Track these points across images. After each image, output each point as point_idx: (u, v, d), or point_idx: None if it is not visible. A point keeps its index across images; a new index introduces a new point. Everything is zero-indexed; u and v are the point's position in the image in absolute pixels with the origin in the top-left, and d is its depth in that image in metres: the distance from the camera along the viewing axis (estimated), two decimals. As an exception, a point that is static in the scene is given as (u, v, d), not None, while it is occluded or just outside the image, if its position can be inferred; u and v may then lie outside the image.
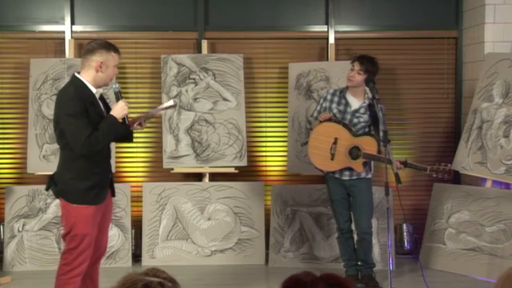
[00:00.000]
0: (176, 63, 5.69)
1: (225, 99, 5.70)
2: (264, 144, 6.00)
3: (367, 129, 4.76)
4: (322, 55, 5.96)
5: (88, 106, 3.65)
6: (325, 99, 4.87)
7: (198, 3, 5.86)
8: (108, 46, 3.75)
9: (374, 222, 5.18)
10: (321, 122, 4.76)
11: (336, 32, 5.90)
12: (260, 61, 5.95)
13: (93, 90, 3.73)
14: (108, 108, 3.88)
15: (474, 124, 5.41)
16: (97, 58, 3.69)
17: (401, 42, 5.97)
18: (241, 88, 5.70)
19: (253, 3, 5.95)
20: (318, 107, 4.92)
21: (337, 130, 4.72)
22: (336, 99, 4.82)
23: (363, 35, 5.97)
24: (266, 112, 5.99)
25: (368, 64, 4.70)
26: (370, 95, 4.75)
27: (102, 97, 3.88)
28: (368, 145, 4.66)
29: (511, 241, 5.00)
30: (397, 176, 4.21)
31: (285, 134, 5.85)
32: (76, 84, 3.70)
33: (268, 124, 6.00)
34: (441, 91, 6.02)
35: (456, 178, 5.84)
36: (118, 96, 3.82)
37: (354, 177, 4.76)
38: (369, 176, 4.83)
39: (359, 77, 4.71)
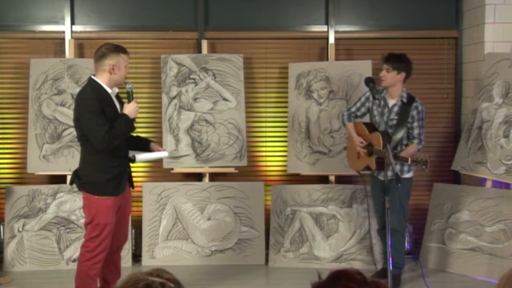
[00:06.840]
0: (176, 63, 5.69)
1: (225, 99, 5.70)
2: (264, 144, 5.99)
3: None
4: (322, 55, 5.96)
5: (105, 106, 3.97)
6: (367, 98, 4.89)
7: (198, 3, 5.86)
8: (117, 49, 4.04)
9: (374, 222, 5.19)
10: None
11: (336, 32, 5.90)
12: (260, 61, 5.95)
13: (109, 90, 4.04)
14: (123, 105, 4.16)
15: (474, 124, 5.41)
16: (109, 62, 3.99)
17: (401, 42, 5.96)
18: (241, 88, 5.70)
19: (253, 3, 5.95)
20: (359, 104, 4.95)
21: (364, 129, 4.84)
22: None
23: (363, 35, 5.97)
24: (266, 112, 5.99)
25: (394, 61, 4.74)
26: (405, 94, 4.80)
27: (117, 96, 4.16)
28: (377, 140, 4.65)
29: (511, 241, 5.00)
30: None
31: (285, 134, 5.85)
32: (93, 85, 4.02)
33: (268, 124, 5.99)
34: (441, 91, 6.02)
35: (456, 178, 5.85)
36: (130, 96, 4.11)
37: (390, 177, 4.61)
38: (407, 176, 4.78)
39: (389, 75, 4.75)
